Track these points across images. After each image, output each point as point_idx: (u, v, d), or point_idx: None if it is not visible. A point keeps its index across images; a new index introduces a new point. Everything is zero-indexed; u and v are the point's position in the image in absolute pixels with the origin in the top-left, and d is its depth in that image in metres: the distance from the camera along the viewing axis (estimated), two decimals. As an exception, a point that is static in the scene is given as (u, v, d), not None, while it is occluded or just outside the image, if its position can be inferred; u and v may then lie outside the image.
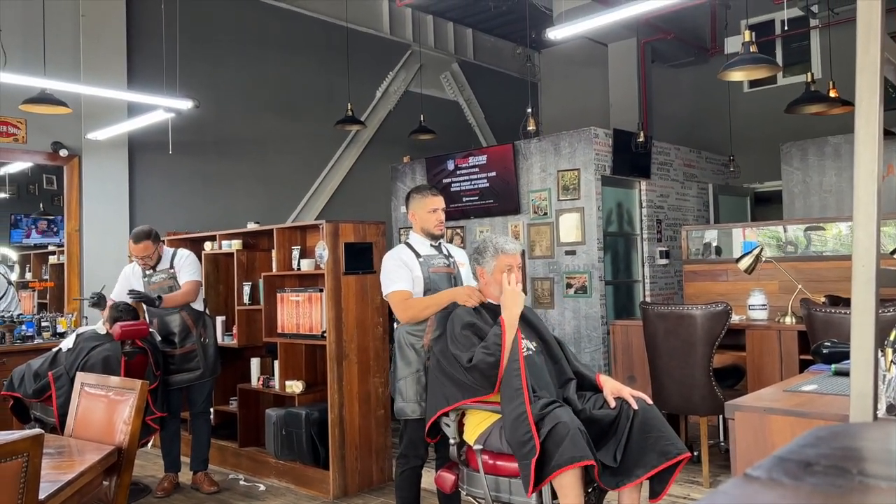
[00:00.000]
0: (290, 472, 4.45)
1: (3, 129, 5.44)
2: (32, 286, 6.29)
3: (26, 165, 6.06)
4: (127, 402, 2.32)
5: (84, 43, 5.83)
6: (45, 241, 6.49)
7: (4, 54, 4.52)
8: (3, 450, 1.48)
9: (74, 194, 5.85)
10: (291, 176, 7.44)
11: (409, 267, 3.09)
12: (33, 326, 5.41)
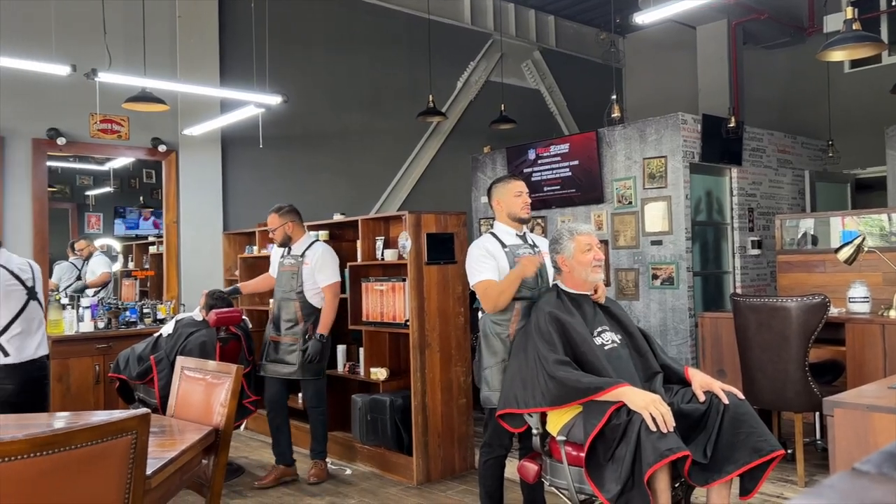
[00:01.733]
0: (375, 457, 4.55)
1: (107, 126, 5.79)
2: (135, 275, 6.65)
3: (128, 161, 6.40)
4: (223, 386, 2.43)
5: (180, 43, 6.11)
6: (145, 233, 6.84)
7: (109, 56, 4.79)
8: (114, 427, 1.58)
9: (172, 187, 6.15)
10: (375, 168, 7.57)
11: (494, 257, 3.09)
12: (136, 313, 5.74)
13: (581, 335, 2.65)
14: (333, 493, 4.12)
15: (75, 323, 5.32)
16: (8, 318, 3.24)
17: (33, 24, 5.32)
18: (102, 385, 5.16)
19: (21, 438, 1.43)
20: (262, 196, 6.68)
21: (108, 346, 5.23)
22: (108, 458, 1.58)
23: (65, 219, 6.35)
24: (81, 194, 6.61)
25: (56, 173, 5.91)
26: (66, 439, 1.49)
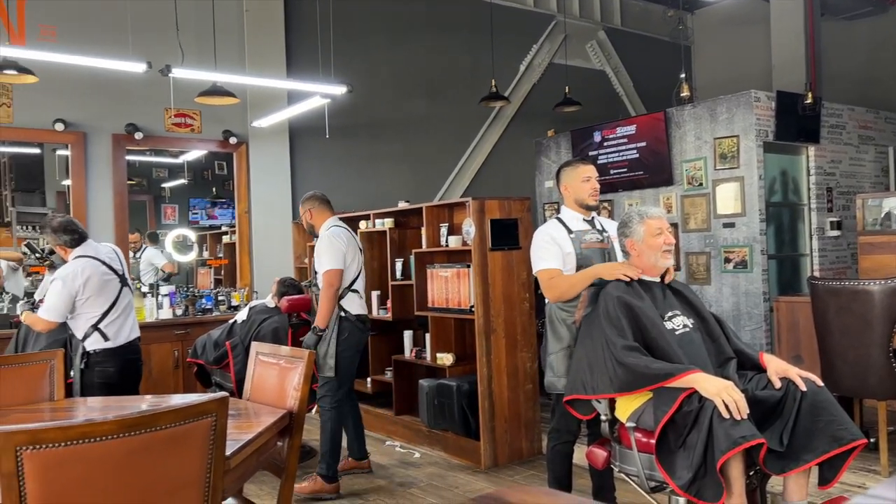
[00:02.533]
0: (443, 441, 4.61)
1: (181, 120, 5.99)
2: (209, 263, 6.89)
3: (201, 153, 6.62)
4: (296, 370, 2.50)
5: (248, 37, 6.27)
6: (218, 223, 7.07)
7: (182, 52, 4.95)
8: (196, 410, 1.66)
9: (243, 178, 6.34)
10: (438, 154, 7.59)
11: (559, 244, 3.06)
12: (211, 300, 5.95)
13: (651, 320, 2.60)
14: (402, 476, 4.19)
15: (155, 310, 5.56)
16: (106, 305, 3.49)
17: (111, 25, 5.54)
18: (181, 369, 5.38)
19: (111, 420, 1.51)
20: (330, 185, 6.79)
21: (186, 333, 5.44)
22: (190, 439, 1.66)
23: (143, 210, 6.63)
24: (158, 187, 6.88)
25: (134, 167, 6.16)
26: (152, 421, 1.57)
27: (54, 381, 2.81)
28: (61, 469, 1.47)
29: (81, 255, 3.52)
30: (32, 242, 5.09)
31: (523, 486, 3.02)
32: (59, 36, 5.40)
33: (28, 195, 6.39)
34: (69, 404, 2.84)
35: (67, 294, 3.42)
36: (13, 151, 6.07)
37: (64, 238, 3.53)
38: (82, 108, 5.54)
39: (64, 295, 3.41)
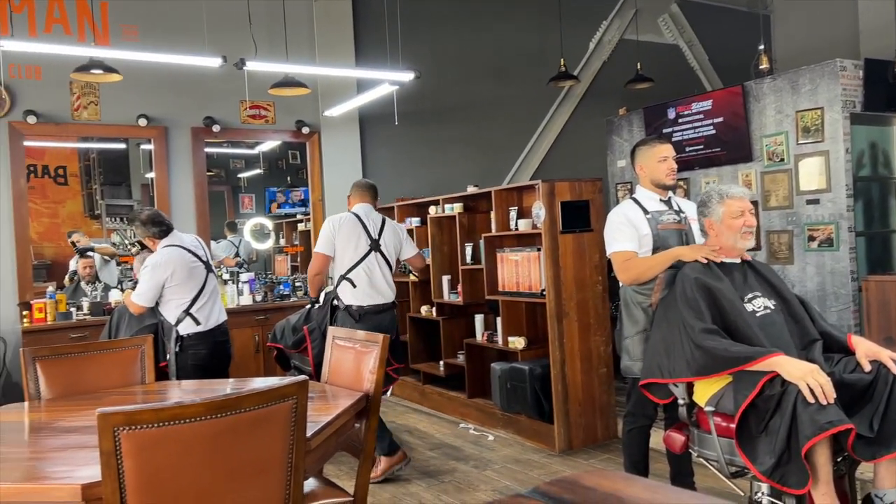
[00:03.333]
0: (516, 424, 4.62)
1: (256, 112, 6.17)
2: (286, 251, 7.09)
3: (275, 143, 6.80)
4: (372, 354, 2.56)
5: (317, 27, 6.37)
6: (293, 211, 7.25)
7: (255, 45, 5.09)
8: (277, 393, 1.72)
9: (316, 167, 6.47)
10: (506, 137, 7.55)
11: (634, 225, 2.99)
12: (289, 286, 6.13)
13: (730, 301, 2.53)
14: (477, 459, 4.23)
15: (236, 297, 5.77)
16: (195, 291, 3.70)
17: (188, 22, 5.72)
18: (262, 353, 5.58)
19: (199, 402, 1.59)
20: (399, 171, 6.88)
21: (265, 318, 5.63)
22: (272, 421, 1.72)
23: (221, 200, 6.87)
24: (235, 177, 7.11)
25: (212, 158, 6.38)
26: (237, 403, 1.63)
27: (145, 366, 2.96)
28: (155, 448, 1.55)
29: (169, 244, 3.71)
30: (120, 233, 5.37)
31: (600, 470, 2.98)
32: (140, 35, 5.63)
33: (115, 188, 6.72)
34: (159, 387, 2.99)
35: (156, 281, 3.62)
36: (101, 147, 6.39)
37: (152, 230, 3.73)
38: (163, 103, 5.77)
39: (153, 281, 3.62)
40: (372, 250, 4.00)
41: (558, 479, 0.82)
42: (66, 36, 5.38)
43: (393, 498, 3.65)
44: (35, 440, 2.23)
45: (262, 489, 1.70)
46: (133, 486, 1.52)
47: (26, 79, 5.28)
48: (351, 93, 6.30)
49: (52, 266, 5.96)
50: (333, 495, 2.41)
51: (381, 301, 4.02)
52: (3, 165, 5.21)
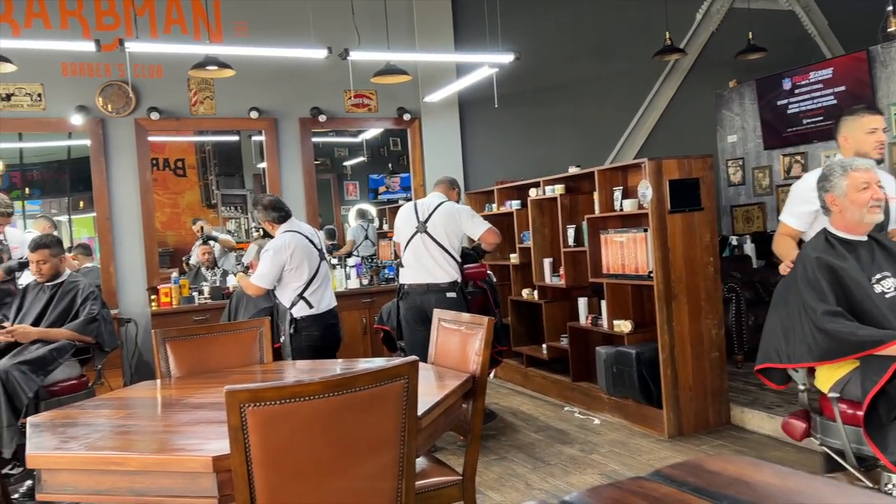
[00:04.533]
0: (623, 409, 4.54)
1: (359, 101, 6.31)
2: (389, 236, 7.24)
3: (377, 131, 6.94)
4: (477, 336, 2.58)
5: (417, 14, 6.43)
6: (395, 196, 7.39)
7: (358, 35, 5.20)
8: (389, 372, 1.77)
9: (417, 153, 6.56)
10: (608, 116, 7.37)
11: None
12: (393, 270, 6.26)
13: (856, 282, 2.38)
14: (583, 442, 4.19)
15: (343, 280, 5.96)
16: (309, 275, 3.87)
17: (294, 15, 5.92)
18: (369, 335, 5.74)
19: (317, 381, 1.66)
20: (499, 154, 6.86)
21: (372, 301, 5.79)
22: (385, 400, 1.77)
23: (327, 188, 7.10)
24: (339, 165, 7.33)
25: (318, 147, 6.59)
26: (351, 382, 1.69)
27: (263, 346, 3.12)
28: (277, 424, 1.63)
29: (288, 230, 3.90)
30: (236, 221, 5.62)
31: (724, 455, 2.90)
32: (249, 30, 5.88)
33: (229, 178, 7.08)
34: (276, 367, 3.14)
35: (277, 263, 3.82)
36: (215, 140, 6.74)
37: (273, 215, 3.94)
38: (273, 95, 6.01)
39: (274, 264, 3.82)
40: (418, 232, 4.20)
41: (681, 462, 0.80)
42: (183, 35, 5.70)
43: (499, 478, 3.69)
44: (167, 415, 2.40)
45: (376, 465, 1.76)
46: (258, 460, 1.61)
47: (149, 78, 5.63)
48: (450, 77, 6.32)
49: (174, 253, 6.37)
50: (443, 473, 2.47)
51: (428, 280, 4.15)
52: (131, 160, 5.60)
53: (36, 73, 5.26)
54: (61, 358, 3.69)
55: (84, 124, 5.41)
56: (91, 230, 6.29)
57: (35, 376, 3.52)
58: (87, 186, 5.69)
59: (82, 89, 5.44)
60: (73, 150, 6.27)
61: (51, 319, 3.81)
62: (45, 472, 1.81)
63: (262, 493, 1.62)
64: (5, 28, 5.19)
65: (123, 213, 5.58)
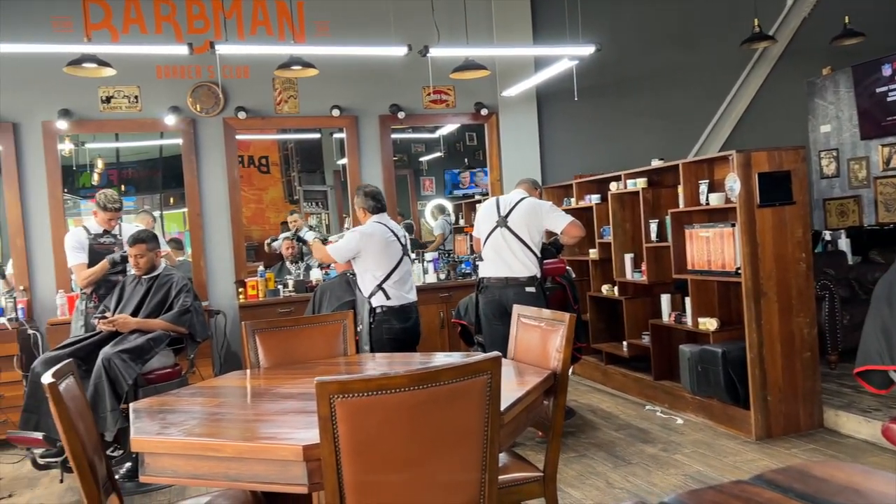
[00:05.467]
0: (707, 409, 4.41)
1: (437, 97, 6.35)
2: (466, 231, 7.26)
3: (454, 127, 6.96)
4: (558, 333, 2.56)
5: (495, 8, 6.41)
6: (471, 192, 7.40)
7: (438, 31, 5.23)
8: (473, 367, 1.78)
9: (494, 148, 6.55)
10: (692, 107, 7.15)
11: None
12: (470, 265, 6.29)
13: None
14: (665, 442, 4.10)
15: (421, 275, 6.02)
16: (388, 267, 3.99)
17: (374, 13, 6.00)
18: (446, 329, 5.78)
19: (403, 374, 1.68)
20: (578, 147, 6.78)
21: (449, 296, 5.82)
22: (469, 394, 1.79)
23: (405, 184, 7.18)
24: (416, 161, 7.39)
25: (395, 144, 6.67)
26: (436, 376, 1.71)
27: (347, 339, 3.19)
28: (365, 415, 1.67)
29: (376, 221, 4.02)
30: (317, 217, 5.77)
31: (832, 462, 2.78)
32: (330, 30, 6.00)
33: (311, 175, 7.26)
34: (359, 359, 3.21)
35: (355, 244, 3.97)
36: (297, 138, 6.92)
37: (369, 203, 4.09)
38: (353, 93, 6.12)
39: (351, 244, 3.99)
40: (498, 226, 4.23)
41: (784, 467, 0.77)
42: (268, 37, 5.88)
43: (580, 476, 3.65)
44: (257, 404, 2.49)
45: (460, 459, 1.78)
46: (347, 450, 1.65)
47: (236, 78, 5.84)
48: (528, 71, 6.28)
49: (258, 247, 6.59)
50: (524, 469, 2.47)
51: (507, 274, 4.16)
52: (220, 158, 5.82)
53: (133, 77, 5.54)
54: (157, 347, 3.89)
55: (176, 124, 5.66)
56: (181, 225, 6.59)
57: (134, 364, 3.72)
58: (178, 183, 5.96)
59: (175, 91, 5.70)
60: (164, 148, 6.57)
61: (148, 310, 4.01)
62: (147, 455, 1.91)
63: (350, 483, 1.66)
64: (105, 34, 5.48)
65: (213, 209, 5.82)
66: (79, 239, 4.49)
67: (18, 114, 5.39)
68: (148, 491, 3.85)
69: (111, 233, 4.56)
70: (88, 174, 6.43)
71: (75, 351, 3.81)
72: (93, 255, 4.45)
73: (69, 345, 3.95)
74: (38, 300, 5.38)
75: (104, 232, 4.54)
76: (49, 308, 5.34)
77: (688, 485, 3.44)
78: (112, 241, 4.55)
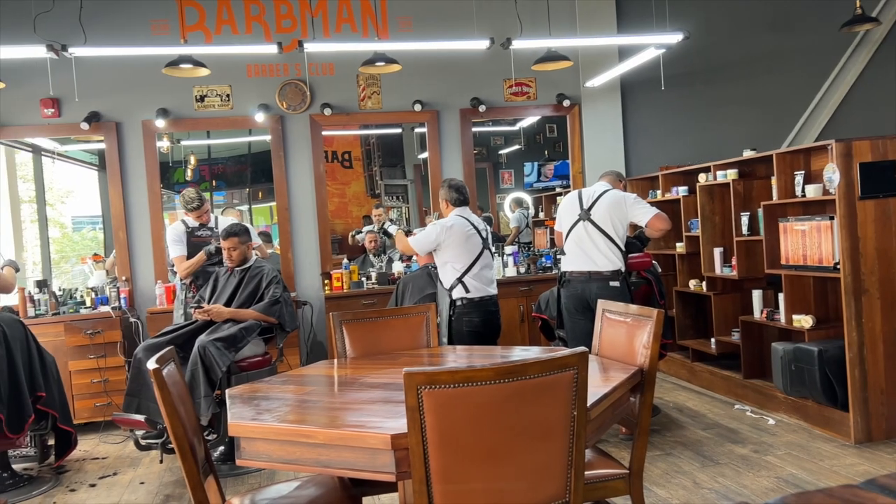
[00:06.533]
0: (802, 410, 4.23)
1: (518, 89, 6.31)
2: (547, 224, 7.20)
3: (534, 119, 6.90)
4: (645, 329, 2.51)
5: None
6: (551, 184, 7.33)
7: (521, 24, 5.20)
8: (559, 362, 1.77)
9: (576, 139, 6.46)
10: (786, 95, 6.83)
11: None
12: (550, 259, 6.24)
13: None
14: (756, 443, 3.96)
15: (501, 269, 6.01)
16: (468, 260, 4.00)
17: (456, 8, 6.01)
18: (526, 323, 5.76)
19: (488, 367, 1.69)
20: (663, 138, 6.60)
21: (529, 289, 5.79)
22: (555, 389, 1.78)
23: (483, 177, 7.18)
24: (495, 154, 7.38)
25: (474, 137, 6.68)
26: (522, 370, 1.71)
27: (430, 331, 3.23)
28: (451, 407, 1.69)
29: (458, 214, 4.04)
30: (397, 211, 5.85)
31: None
32: (413, 25, 6.06)
33: (391, 169, 7.36)
34: (442, 351, 3.24)
35: (435, 236, 3.99)
36: (379, 133, 7.03)
37: (452, 195, 4.12)
38: (435, 88, 6.16)
39: (431, 235, 4.00)
40: (581, 220, 4.15)
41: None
42: (352, 34, 5.99)
43: (665, 475, 3.57)
44: (345, 392, 2.56)
45: (546, 453, 1.77)
46: (433, 440, 1.68)
47: (322, 75, 5.98)
48: (612, 61, 6.16)
49: (342, 241, 6.74)
50: (609, 466, 2.43)
51: (590, 268, 4.09)
52: (307, 153, 5.99)
53: (225, 76, 5.76)
54: (249, 336, 4.04)
55: (265, 121, 5.86)
56: (267, 219, 6.82)
57: (228, 352, 3.89)
58: (265, 178, 6.17)
59: (264, 89, 5.89)
60: (253, 145, 6.81)
61: (240, 301, 4.18)
62: (243, 440, 1.99)
63: (437, 473, 1.69)
64: (199, 35, 5.73)
65: (300, 203, 5.99)
66: (177, 233, 4.77)
67: (121, 113, 5.71)
68: (240, 474, 4.03)
69: (207, 226, 4.83)
70: (182, 170, 6.74)
71: (173, 339, 4.01)
72: (191, 248, 4.74)
73: (167, 333, 4.16)
74: (138, 290, 5.69)
75: (200, 226, 4.80)
76: (149, 297, 5.65)
77: (781, 488, 3.31)
78: (209, 233, 4.82)
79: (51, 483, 4.10)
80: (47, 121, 5.59)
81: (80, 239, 7.33)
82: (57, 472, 4.28)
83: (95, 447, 4.79)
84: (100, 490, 3.96)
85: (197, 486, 2.04)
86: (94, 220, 7.12)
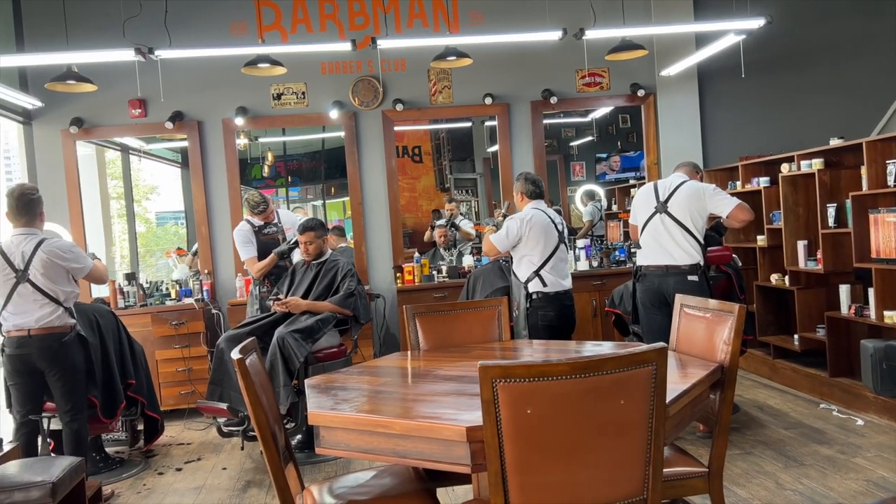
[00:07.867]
0: (893, 410, 4.03)
1: (591, 80, 6.21)
2: (621, 216, 7.07)
3: (607, 109, 6.78)
4: (726, 324, 2.43)
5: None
6: (624, 176, 7.19)
7: (594, 13, 5.11)
8: (637, 358, 1.74)
9: (651, 130, 6.31)
10: (876, 81, 6.48)
11: None
12: (624, 252, 6.12)
13: None
14: (843, 444, 3.79)
15: (573, 262, 5.94)
16: (547, 253, 3.99)
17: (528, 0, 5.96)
18: (599, 318, 5.68)
19: (564, 362, 1.68)
20: (743, 127, 6.38)
21: (602, 283, 5.71)
22: (633, 385, 1.75)
23: (554, 169, 7.10)
24: (566, 146, 7.29)
25: (546, 129, 6.61)
26: (599, 365, 1.69)
27: (502, 324, 3.23)
28: (526, 400, 1.68)
29: (534, 207, 4.03)
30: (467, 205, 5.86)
31: None
32: (484, 18, 6.04)
33: (461, 163, 7.39)
34: (514, 344, 3.24)
35: (515, 231, 3.99)
36: (449, 127, 7.06)
37: (528, 187, 4.13)
38: (506, 81, 6.13)
39: (513, 232, 4.00)
40: (657, 212, 4.05)
41: None
42: (424, 29, 6.02)
43: (745, 474, 3.46)
44: (420, 384, 2.59)
45: (624, 450, 1.75)
46: (508, 433, 1.68)
47: (394, 71, 6.05)
48: (689, 49, 5.98)
49: (412, 234, 6.81)
50: (687, 464, 2.38)
51: (667, 262, 3.99)
52: (379, 149, 6.06)
53: (300, 74, 5.89)
54: (325, 328, 4.14)
55: (338, 118, 5.96)
56: (340, 213, 6.96)
57: (305, 343, 4.00)
58: (339, 174, 6.28)
59: (338, 86, 6.00)
60: (326, 141, 6.95)
61: (316, 293, 4.29)
62: (322, 429, 2.05)
63: (512, 466, 1.69)
64: (276, 35, 5.88)
65: (373, 197, 6.08)
66: (245, 234, 4.97)
67: (203, 112, 5.92)
68: (316, 462, 4.13)
69: (272, 223, 4.99)
70: (259, 166, 6.95)
71: (253, 330, 4.15)
72: (260, 246, 4.94)
73: (247, 324, 4.31)
74: (219, 283, 5.91)
75: (266, 224, 4.98)
76: (229, 290, 5.86)
77: (871, 491, 3.16)
78: (275, 229, 4.99)
79: (140, 466, 4.32)
80: (135, 121, 5.85)
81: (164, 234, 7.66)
82: (146, 455, 4.50)
83: (181, 433, 5.01)
84: (185, 474, 4.15)
85: (279, 473, 2.11)
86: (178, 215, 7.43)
